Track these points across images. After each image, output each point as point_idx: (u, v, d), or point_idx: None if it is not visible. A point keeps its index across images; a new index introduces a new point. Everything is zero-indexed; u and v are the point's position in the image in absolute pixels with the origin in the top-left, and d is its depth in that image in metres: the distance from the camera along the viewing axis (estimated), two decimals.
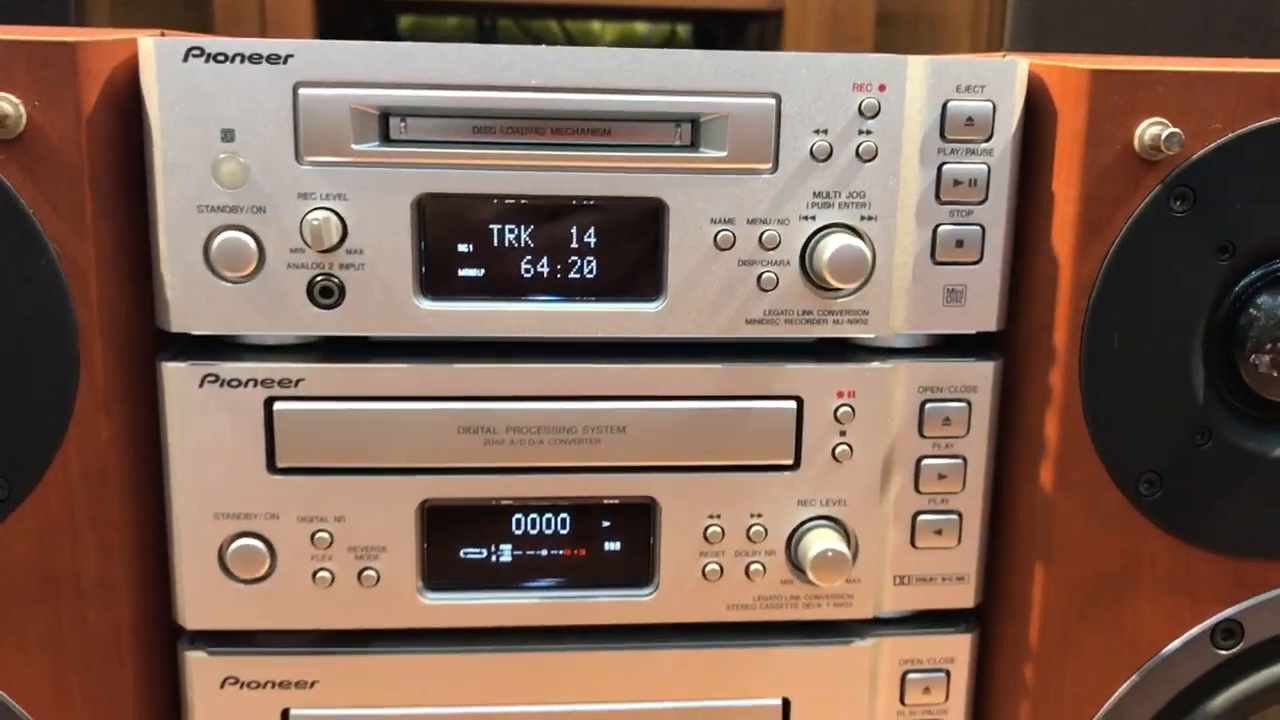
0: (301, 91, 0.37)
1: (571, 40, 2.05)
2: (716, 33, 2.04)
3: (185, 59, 0.37)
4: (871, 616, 0.46)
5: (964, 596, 0.45)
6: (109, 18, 1.06)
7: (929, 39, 1.27)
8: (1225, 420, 0.44)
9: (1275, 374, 0.43)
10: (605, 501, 0.43)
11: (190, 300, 0.39)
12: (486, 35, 2.02)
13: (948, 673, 0.45)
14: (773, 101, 0.39)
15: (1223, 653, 0.47)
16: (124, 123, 0.39)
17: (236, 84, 0.37)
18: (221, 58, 0.37)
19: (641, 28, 2.05)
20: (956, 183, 0.41)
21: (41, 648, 0.41)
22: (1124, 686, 0.47)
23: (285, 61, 0.37)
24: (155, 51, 0.37)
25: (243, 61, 0.37)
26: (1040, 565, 0.44)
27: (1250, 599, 0.46)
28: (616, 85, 0.39)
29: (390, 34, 1.98)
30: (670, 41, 2.06)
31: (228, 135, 0.38)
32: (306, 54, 0.37)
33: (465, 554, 0.42)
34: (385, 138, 0.38)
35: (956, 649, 0.45)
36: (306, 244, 0.38)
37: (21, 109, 0.37)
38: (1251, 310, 0.42)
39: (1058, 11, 0.79)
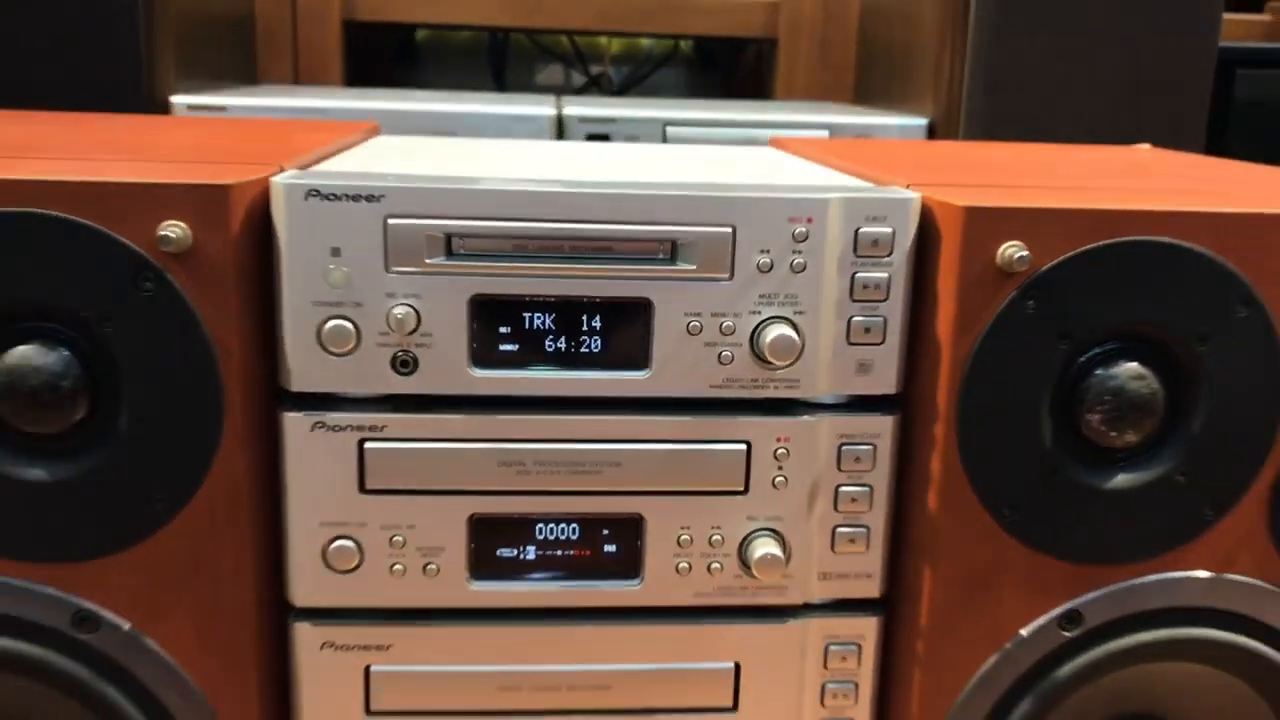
0: (389, 221, 0.51)
1: (579, 52, 2.18)
2: (717, 50, 2.17)
3: (305, 198, 0.51)
4: (802, 603, 0.58)
5: (871, 589, 0.58)
6: (175, 63, 1.19)
7: (902, 65, 1.40)
8: (1068, 461, 0.58)
9: (1103, 428, 0.57)
10: (605, 516, 0.57)
11: (306, 368, 0.53)
12: (498, 47, 2.15)
13: (859, 646, 0.59)
14: (730, 230, 0.53)
15: (1066, 634, 0.60)
16: (260, 240, 0.53)
17: (342, 214, 0.51)
18: (332, 197, 0.51)
19: (645, 40, 2.18)
20: (865, 287, 0.55)
21: (191, 620, 0.55)
22: (991, 659, 0.59)
23: (378, 200, 0.51)
24: (284, 191, 0.51)
25: (347, 200, 0.51)
26: (928, 566, 0.58)
27: (1088, 594, 0.59)
28: (617, 218, 0.52)
29: (409, 48, 2.11)
30: (674, 54, 2.19)
31: (335, 251, 0.52)
32: (393, 194, 0.51)
33: (500, 553, 0.56)
34: (449, 254, 0.52)
35: (866, 628, 0.59)
36: (391, 330, 0.52)
37: (189, 232, 0.51)
38: (1086, 381, 0.56)
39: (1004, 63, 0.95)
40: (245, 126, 0.76)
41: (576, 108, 1.15)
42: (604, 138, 1.13)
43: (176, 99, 1.11)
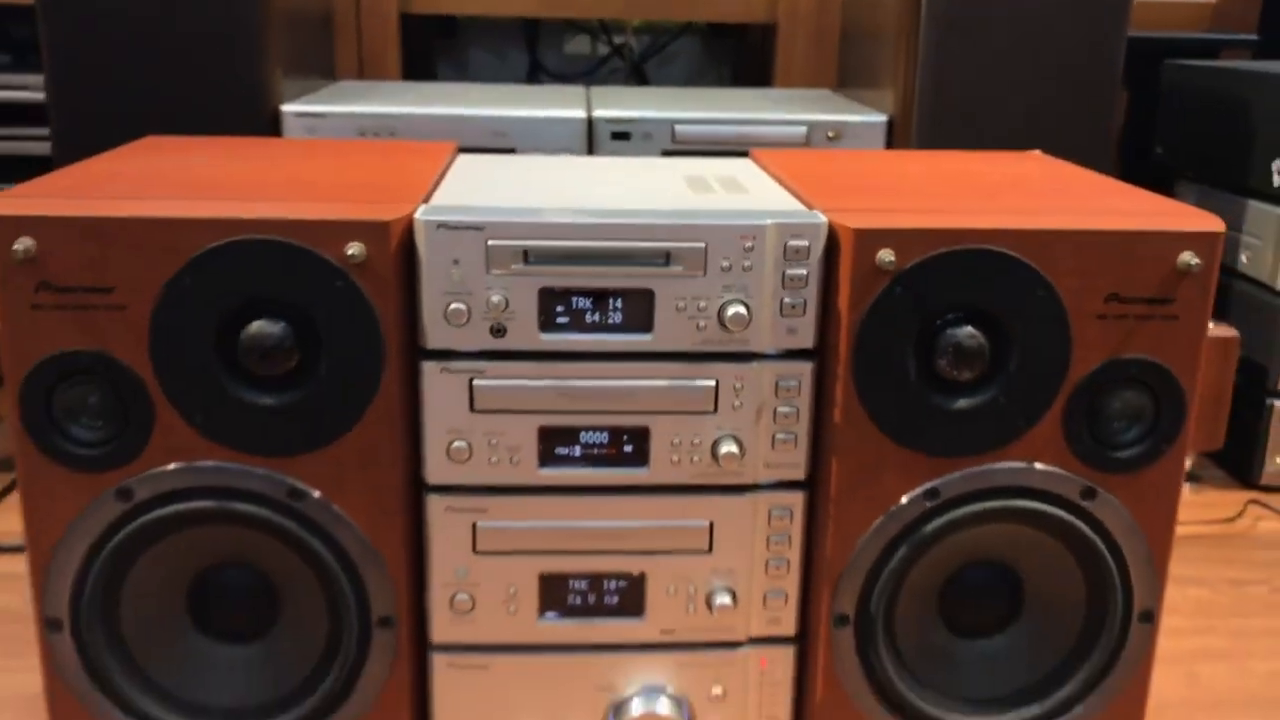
0: (489, 242, 0.81)
1: (605, 27, 2.48)
2: (726, 30, 2.45)
3: (437, 229, 0.81)
4: (753, 483, 0.83)
5: (799, 474, 0.84)
6: (283, 67, 1.46)
7: (870, 58, 1.66)
8: (926, 390, 0.86)
9: (949, 369, 0.86)
10: (624, 427, 0.86)
11: (436, 334, 0.82)
12: (530, 27, 2.44)
13: (792, 511, 0.86)
14: (704, 245, 0.82)
15: (928, 504, 0.87)
16: (408, 252, 0.82)
17: (459, 238, 0.80)
18: (454, 226, 0.81)
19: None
20: (791, 278, 0.83)
21: (363, 493, 0.84)
22: (879, 519, 0.85)
23: (482, 229, 0.81)
24: (424, 225, 0.81)
25: (462, 229, 0.81)
26: (835, 459, 0.86)
27: (943, 477, 0.84)
28: (632, 238, 0.81)
29: (451, 30, 2.39)
30: (687, 29, 2.48)
31: (455, 261, 0.81)
32: (490, 227, 0.80)
33: (558, 450, 0.86)
34: (525, 261, 0.82)
35: (796, 500, 0.84)
36: (489, 310, 0.82)
37: (365, 250, 0.80)
38: (937, 338, 0.85)
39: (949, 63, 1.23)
40: (370, 155, 1.05)
41: (602, 110, 1.44)
42: (625, 135, 1.43)
43: (286, 108, 1.40)
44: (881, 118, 1.46)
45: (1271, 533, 1.41)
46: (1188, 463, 1.47)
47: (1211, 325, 1.43)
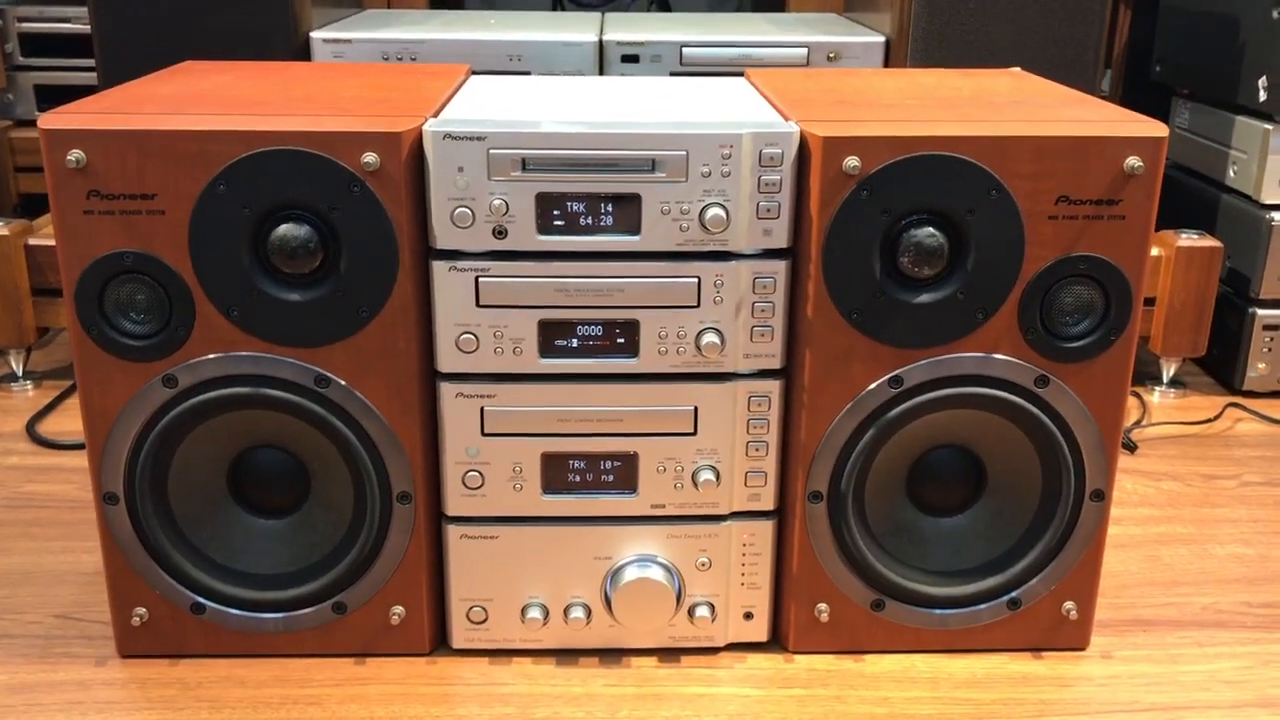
0: (490, 151, 0.89)
1: None
2: None
3: (443, 139, 0.89)
4: (733, 371, 0.92)
5: (775, 363, 0.93)
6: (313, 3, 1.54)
7: None
8: (891, 285, 0.94)
9: (911, 266, 0.93)
10: (616, 320, 0.95)
11: (444, 235, 0.91)
12: None
13: (769, 397, 0.94)
14: (685, 153, 0.90)
15: (893, 390, 0.96)
16: (418, 160, 0.91)
17: (463, 147, 0.89)
18: (458, 137, 0.89)
19: None
20: (766, 184, 0.91)
21: (383, 380, 0.92)
22: (847, 405, 0.94)
23: (483, 139, 0.89)
24: (431, 135, 0.89)
25: (466, 139, 0.89)
26: (808, 349, 0.94)
27: (906, 366, 0.94)
28: (621, 147, 0.89)
29: None
30: None
31: (460, 169, 0.90)
32: (492, 136, 0.88)
33: (556, 342, 0.94)
34: (524, 169, 0.90)
35: (772, 387, 0.93)
36: (491, 213, 0.91)
37: (379, 159, 0.89)
38: (899, 238, 0.93)
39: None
40: (387, 75, 1.13)
41: (612, 34, 1.51)
42: (634, 59, 1.50)
43: (314, 34, 1.49)
44: (879, 39, 1.53)
45: (1247, 434, 1.49)
46: (1171, 369, 1.55)
47: (1195, 236, 1.51)
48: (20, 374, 1.59)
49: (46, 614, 1.06)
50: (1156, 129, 0.91)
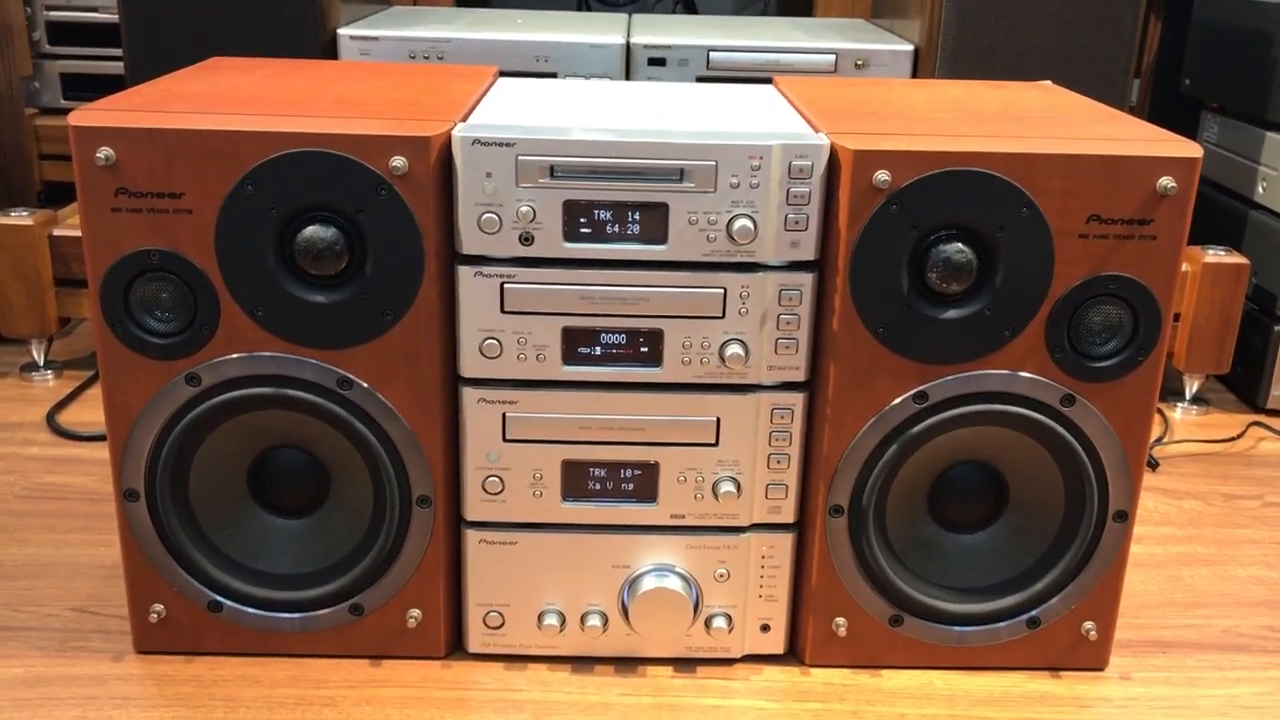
0: (519, 157, 0.89)
1: None
2: None
3: (472, 144, 0.89)
4: (757, 383, 0.92)
5: (799, 376, 0.92)
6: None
7: None
8: (918, 301, 0.94)
9: (939, 282, 0.93)
10: (641, 329, 0.94)
11: (471, 240, 0.91)
12: None
13: (793, 410, 0.94)
14: (714, 163, 0.89)
15: (917, 406, 0.96)
16: (446, 165, 0.90)
17: (492, 153, 0.89)
18: (487, 143, 0.89)
19: None
20: (795, 195, 0.91)
21: (405, 383, 0.92)
22: (871, 419, 0.93)
23: (512, 145, 0.89)
24: (460, 140, 0.89)
25: (495, 145, 0.89)
26: (833, 363, 0.94)
27: (931, 382, 0.95)
28: (650, 156, 0.89)
29: None
30: None
31: (488, 175, 0.89)
32: (520, 143, 0.88)
33: (580, 350, 0.94)
34: (552, 176, 0.90)
35: (796, 399, 0.93)
36: (518, 220, 0.91)
37: (407, 162, 0.89)
38: (928, 253, 0.92)
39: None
40: (416, 77, 1.13)
41: (640, 37, 1.51)
42: (661, 62, 1.49)
43: (342, 32, 1.49)
44: (908, 47, 1.52)
45: (1271, 453, 1.48)
46: (1195, 385, 1.54)
47: (1221, 252, 1.49)
48: (42, 363, 1.59)
49: (64, 607, 1.06)
50: (1190, 149, 0.90)
